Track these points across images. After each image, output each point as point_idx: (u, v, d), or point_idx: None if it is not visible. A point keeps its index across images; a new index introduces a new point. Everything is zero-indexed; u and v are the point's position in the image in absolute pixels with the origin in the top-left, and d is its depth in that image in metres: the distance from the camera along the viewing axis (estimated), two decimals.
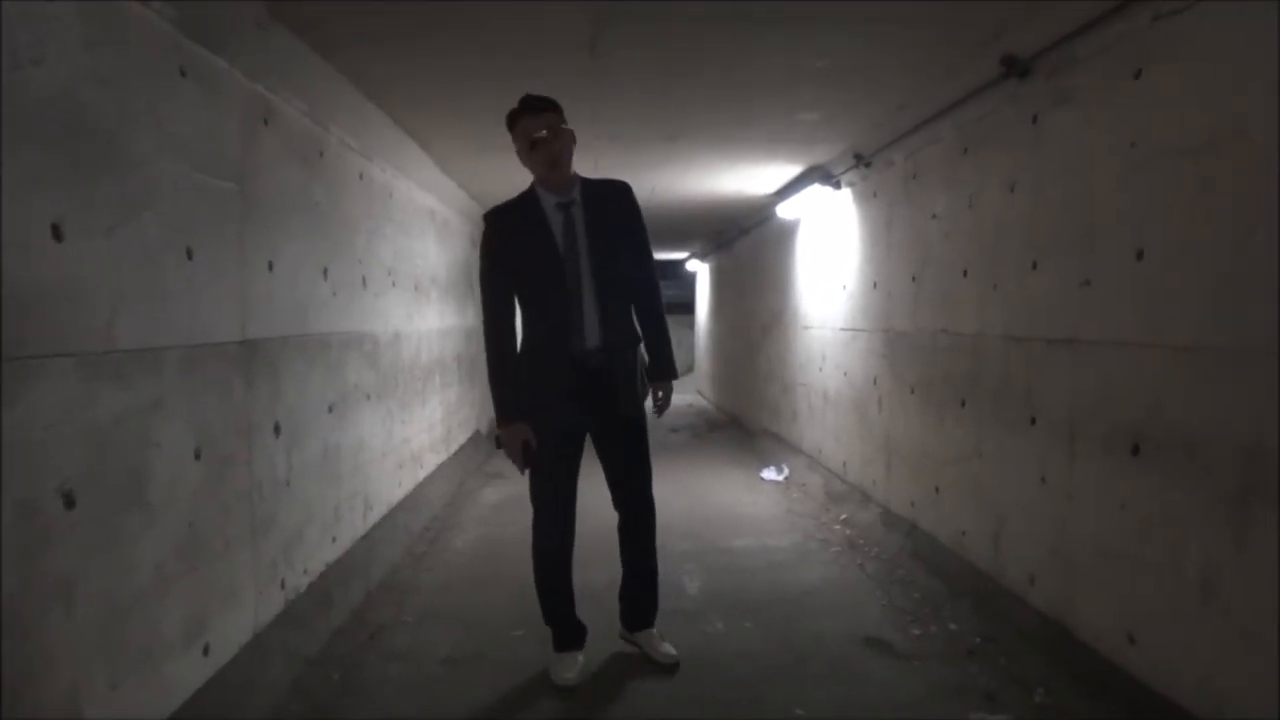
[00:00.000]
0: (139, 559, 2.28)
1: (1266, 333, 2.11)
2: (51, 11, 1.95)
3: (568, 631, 3.24)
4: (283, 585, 3.26)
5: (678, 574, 4.36)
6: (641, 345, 3.21)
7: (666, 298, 3.48)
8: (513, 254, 3.07)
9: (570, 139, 3.06)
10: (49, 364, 1.92)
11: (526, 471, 3.10)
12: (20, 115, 1.84)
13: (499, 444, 3.11)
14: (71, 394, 2.00)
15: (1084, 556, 2.94)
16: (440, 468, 6.41)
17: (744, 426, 10.01)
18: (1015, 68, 3.32)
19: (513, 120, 3.01)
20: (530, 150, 2.99)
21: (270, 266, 3.18)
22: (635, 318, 3.19)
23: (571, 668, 3.15)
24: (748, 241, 9.78)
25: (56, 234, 1.94)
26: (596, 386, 3.06)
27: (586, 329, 3.04)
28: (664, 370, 3.27)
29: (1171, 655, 2.49)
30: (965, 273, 3.93)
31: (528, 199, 3.09)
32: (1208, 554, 2.33)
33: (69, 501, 1.97)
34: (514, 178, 3.23)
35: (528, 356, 3.10)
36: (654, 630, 3.37)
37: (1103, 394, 2.83)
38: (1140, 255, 2.62)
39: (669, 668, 3.22)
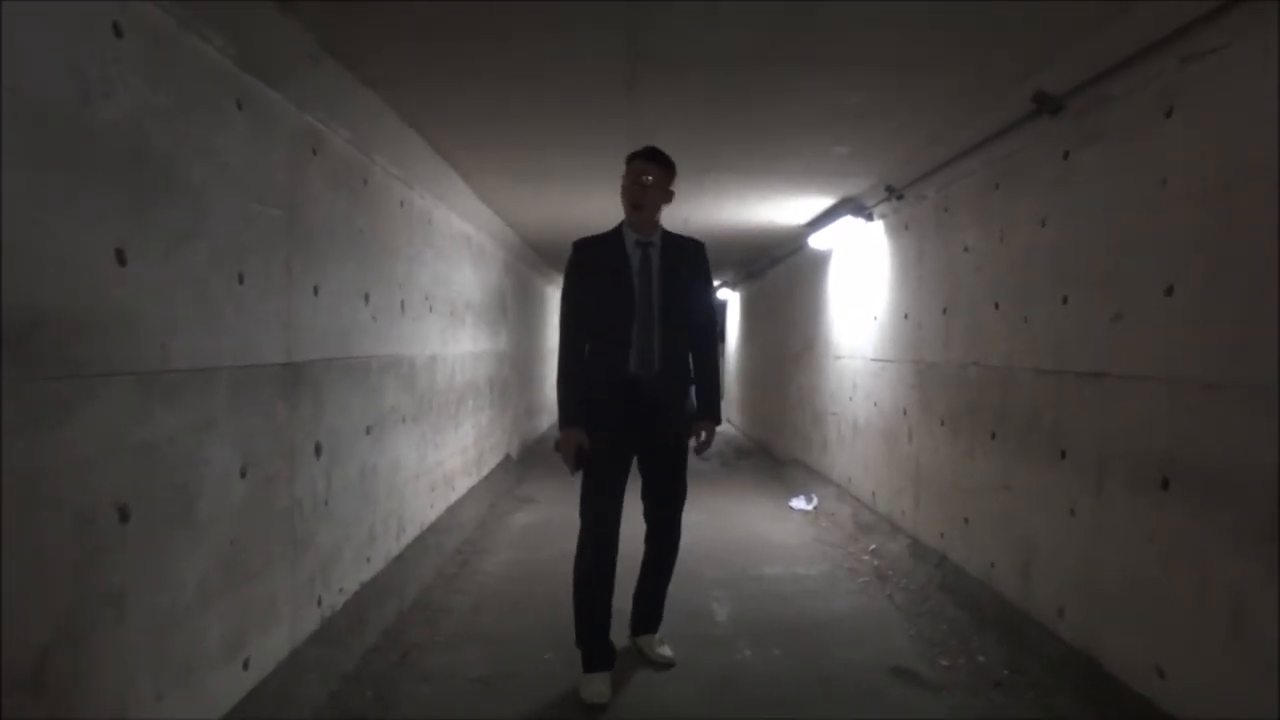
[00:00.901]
0: (186, 573, 2.36)
1: None
2: (121, 48, 2.06)
3: (599, 651, 3.29)
4: (319, 603, 3.33)
5: (707, 600, 4.38)
6: (693, 387, 3.46)
7: None
8: (592, 281, 3.36)
9: (665, 196, 3.38)
10: (110, 382, 2.01)
11: (575, 477, 3.34)
12: (92, 146, 1.95)
13: (557, 447, 3.33)
14: (129, 411, 2.09)
15: (1114, 589, 2.94)
16: (472, 491, 6.48)
17: (773, 455, 10.00)
18: (1047, 105, 3.35)
19: (630, 159, 3.36)
20: (628, 188, 3.31)
21: (315, 291, 3.28)
22: (690, 361, 3.44)
23: (600, 687, 3.20)
24: (779, 271, 9.82)
25: (120, 258, 2.04)
26: (648, 409, 3.29)
27: (646, 355, 3.30)
28: (710, 412, 3.50)
29: (1201, 688, 2.49)
30: (996, 305, 3.95)
31: (614, 234, 3.40)
32: (1238, 588, 2.34)
33: (123, 515, 2.06)
34: (548, 206, 3.33)
35: (594, 373, 3.33)
36: (655, 635, 3.63)
37: (1133, 428, 2.84)
38: (1170, 291, 2.64)
39: (664, 665, 3.50)
